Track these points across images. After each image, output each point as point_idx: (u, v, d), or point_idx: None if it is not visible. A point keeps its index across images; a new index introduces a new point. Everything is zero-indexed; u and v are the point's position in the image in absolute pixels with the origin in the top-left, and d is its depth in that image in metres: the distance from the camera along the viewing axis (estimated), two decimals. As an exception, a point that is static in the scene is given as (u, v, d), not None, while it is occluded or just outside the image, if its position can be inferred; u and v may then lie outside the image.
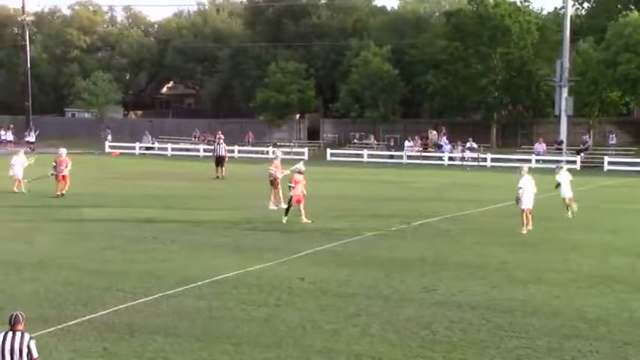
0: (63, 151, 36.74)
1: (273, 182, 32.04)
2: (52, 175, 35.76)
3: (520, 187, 26.06)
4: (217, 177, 45.80)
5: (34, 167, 38.16)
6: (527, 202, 26.03)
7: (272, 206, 31.27)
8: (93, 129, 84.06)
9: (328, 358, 13.27)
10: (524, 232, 25.73)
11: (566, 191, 29.27)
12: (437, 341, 14.05)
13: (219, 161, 47.02)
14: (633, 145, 66.40)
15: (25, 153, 41.74)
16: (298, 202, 27.32)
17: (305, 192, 27.63)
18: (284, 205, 30.04)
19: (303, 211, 27.50)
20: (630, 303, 16.70)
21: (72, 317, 15.30)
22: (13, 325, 10.49)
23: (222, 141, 51.85)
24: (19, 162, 37.75)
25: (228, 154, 49.99)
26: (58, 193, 35.01)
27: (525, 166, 27.73)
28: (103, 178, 44.11)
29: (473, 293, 17.44)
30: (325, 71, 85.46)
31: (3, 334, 10.46)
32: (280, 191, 31.75)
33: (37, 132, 77.88)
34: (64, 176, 35.47)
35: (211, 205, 33.21)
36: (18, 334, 10.40)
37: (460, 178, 49.97)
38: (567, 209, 29.21)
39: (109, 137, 77.54)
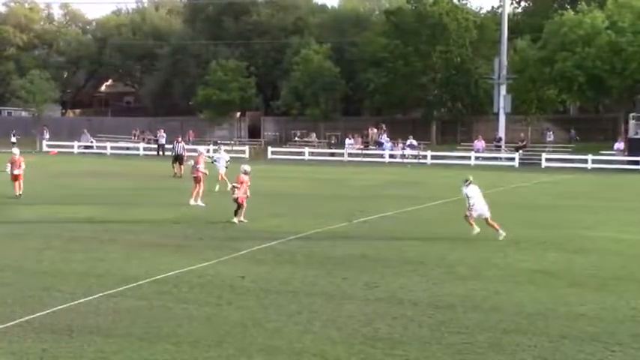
0: (16, 151, 36.40)
1: (197, 179, 32.91)
2: (7, 172, 35.16)
3: (469, 197, 24.23)
4: (175, 174, 45.97)
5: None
6: (483, 210, 24.33)
7: (192, 201, 32.08)
8: (30, 128, 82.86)
9: (270, 356, 13.23)
10: (501, 237, 23.96)
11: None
12: (378, 338, 14.09)
13: (178, 159, 47.51)
14: (570, 142, 67.43)
15: None
16: (242, 201, 27.23)
17: (248, 193, 27.55)
18: (201, 203, 31.73)
19: (242, 211, 27.46)
20: (567, 297, 16.94)
21: (9, 319, 15.03)
22: None
23: (180, 139, 52.13)
24: None
25: (186, 153, 49.83)
26: (18, 193, 34.48)
27: (470, 176, 25.21)
28: (41, 178, 43.44)
29: (414, 290, 17.54)
30: (266, 69, 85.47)
31: None
32: (202, 187, 32.83)
33: None
34: (17, 176, 34.85)
35: (152, 204, 32.97)
36: None
37: (401, 175, 50.26)
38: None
39: (47, 136, 76.48)
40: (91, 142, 75.64)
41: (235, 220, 26.96)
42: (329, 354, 13.27)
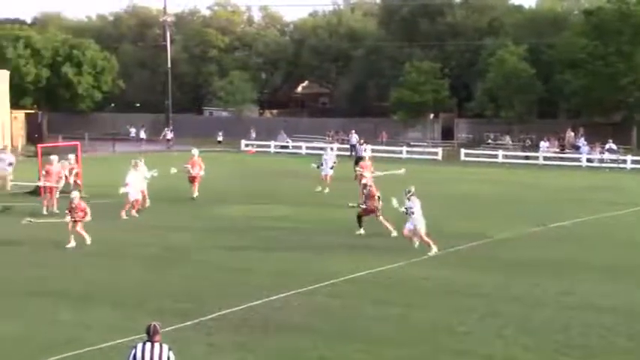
0: (195, 152, 35.11)
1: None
2: (186, 172, 33.84)
3: (412, 212, 22.20)
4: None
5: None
6: (419, 223, 22.34)
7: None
8: (230, 127, 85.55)
9: (460, 358, 13.21)
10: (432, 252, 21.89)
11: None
12: (572, 346, 13.79)
13: (358, 161, 47.44)
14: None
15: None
16: (370, 213, 25.37)
17: (376, 204, 25.20)
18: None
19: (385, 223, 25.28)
20: None
21: (208, 312, 15.66)
22: (151, 336, 10.32)
23: (363, 141, 52.22)
24: (141, 176, 30.41)
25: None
26: (194, 195, 33.44)
27: (412, 187, 23.10)
28: (239, 176, 44.87)
29: (611, 297, 17.02)
30: (460, 70, 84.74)
31: (141, 345, 10.31)
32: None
33: (170, 129, 79.84)
34: (194, 177, 33.79)
35: (342, 204, 33.28)
36: (157, 345, 10.27)
37: (599, 180, 48.69)
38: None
39: (253, 135, 78.94)
40: (287, 142, 77.27)
41: (361, 231, 25.08)
42: (520, 360, 13.12)
